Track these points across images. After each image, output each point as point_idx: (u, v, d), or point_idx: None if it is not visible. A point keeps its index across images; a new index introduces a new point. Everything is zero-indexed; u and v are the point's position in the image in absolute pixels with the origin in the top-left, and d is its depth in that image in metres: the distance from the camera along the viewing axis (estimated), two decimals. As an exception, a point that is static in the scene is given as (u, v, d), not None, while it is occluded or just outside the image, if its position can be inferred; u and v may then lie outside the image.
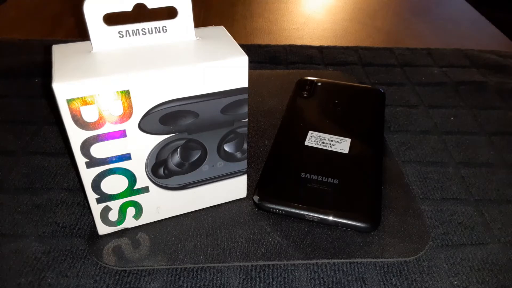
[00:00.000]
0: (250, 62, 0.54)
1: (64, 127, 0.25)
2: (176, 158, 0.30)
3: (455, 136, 0.42)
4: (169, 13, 0.61)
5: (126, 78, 0.25)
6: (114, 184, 0.29)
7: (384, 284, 0.29)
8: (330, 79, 0.48)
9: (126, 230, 0.32)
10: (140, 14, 0.63)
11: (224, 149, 0.31)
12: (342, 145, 0.37)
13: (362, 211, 0.32)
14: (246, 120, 0.30)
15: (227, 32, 0.30)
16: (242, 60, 0.27)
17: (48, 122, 0.42)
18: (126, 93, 0.25)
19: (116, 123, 0.26)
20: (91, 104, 0.25)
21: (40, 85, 0.48)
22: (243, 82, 0.28)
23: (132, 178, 0.29)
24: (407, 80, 0.51)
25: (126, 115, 0.26)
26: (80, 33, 0.60)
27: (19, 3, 0.68)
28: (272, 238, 0.31)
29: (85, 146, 0.26)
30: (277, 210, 0.32)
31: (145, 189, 0.30)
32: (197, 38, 0.29)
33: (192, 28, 0.28)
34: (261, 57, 0.54)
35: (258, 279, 0.29)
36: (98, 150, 0.27)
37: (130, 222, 0.31)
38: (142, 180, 0.30)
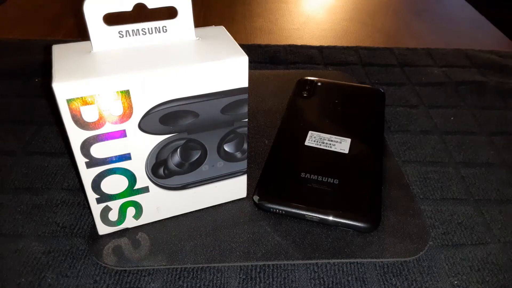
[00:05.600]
0: (250, 62, 0.54)
1: (64, 127, 0.25)
2: (176, 158, 0.30)
3: (455, 136, 0.42)
4: (169, 13, 0.61)
5: (126, 78, 0.25)
6: (114, 184, 0.29)
7: (384, 284, 0.29)
8: (330, 79, 0.48)
9: (126, 230, 0.32)
10: (140, 14, 0.63)
11: (224, 149, 0.31)
12: (342, 145, 0.37)
13: (362, 211, 0.32)
14: (246, 120, 0.30)
15: (227, 32, 0.30)
16: (242, 60, 0.27)
17: (48, 122, 0.42)
18: (126, 93, 0.25)
19: (116, 123, 0.26)
20: (91, 104, 0.25)
21: (40, 85, 0.48)
22: (243, 82, 0.28)
23: (132, 178, 0.29)
24: (407, 80, 0.51)
25: (126, 115, 0.26)
26: (80, 33, 0.60)
27: (19, 3, 0.68)
28: (272, 238, 0.31)
29: (85, 146, 0.26)
30: (277, 210, 0.32)
31: (145, 189, 0.30)
32: (197, 38, 0.29)
33: (192, 28, 0.28)
34: (261, 57, 0.54)
35: (258, 279, 0.29)
36: (98, 150, 0.27)
37: (130, 222, 0.31)
38: (142, 180, 0.30)
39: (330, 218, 0.31)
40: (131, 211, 0.31)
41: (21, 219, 0.32)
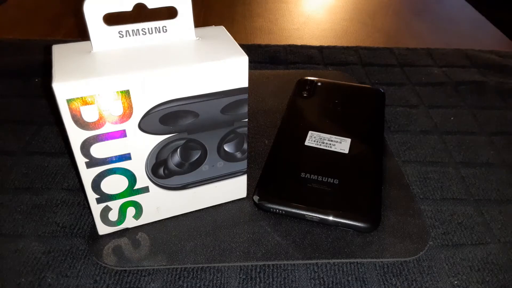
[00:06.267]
0: (250, 62, 0.54)
1: (64, 127, 0.25)
2: (176, 158, 0.30)
3: (455, 136, 0.42)
4: (169, 13, 0.61)
5: (126, 78, 0.25)
6: (114, 184, 0.29)
7: (384, 284, 0.29)
8: (330, 79, 0.48)
9: (126, 230, 0.32)
10: (140, 14, 0.63)
11: (224, 149, 0.31)
12: (342, 145, 0.37)
13: (362, 211, 0.32)
14: (246, 120, 0.30)
15: (227, 32, 0.30)
16: (242, 60, 0.27)
17: (48, 122, 0.42)
18: (126, 93, 0.25)
19: (116, 123, 0.26)
20: (91, 104, 0.25)
21: (40, 85, 0.48)
22: (243, 82, 0.28)
23: (132, 178, 0.29)
24: (407, 80, 0.51)
25: (126, 115, 0.26)
26: (80, 33, 0.60)
27: (19, 3, 0.68)
28: (272, 238, 0.31)
29: (85, 146, 0.26)
30: (277, 210, 0.32)
31: (145, 189, 0.30)
32: (197, 38, 0.29)
33: (192, 28, 0.28)
34: (261, 57, 0.54)
35: (258, 279, 0.29)
36: (98, 150, 0.27)
37: (130, 222, 0.31)
38: (142, 180, 0.30)
39: (330, 218, 0.31)
40: (131, 211, 0.31)
41: (21, 219, 0.32)
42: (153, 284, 0.28)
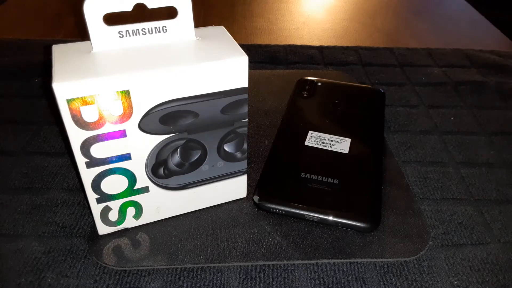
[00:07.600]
0: (250, 62, 0.54)
1: (64, 127, 0.25)
2: (176, 158, 0.30)
3: (455, 136, 0.42)
4: (169, 13, 0.61)
5: (126, 78, 0.25)
6: (114, 184, 0.29)
7: (384, 284, 0.29)
8: (330, 79, 0.48)
9: (126, 230, 0.32)
10: (140, 14, 0.63)
11: (224, 149, 0.31)
12: (342, 145, 0.37)
13: (362, 211, 0.32)
14: (246, 120, 0.30)
15: (227, 32, 0.30)
16: (242, 60, 0.27)
17: (48, 122, 0.42)
18: (126, 93, 0.25)
19: (116, 123, 0.26)
20: (91, 104, 0.25)
21: (40, 85, 0.48)
22: (243, 82, 0.28)
23: (132, 178, 0.29)
24: (407, 80, 0.51)
25: (126, 115, 0.26)
26: (80, 33, 0.60)
27: (19, 3, 0.68)
28: (272, 238, 0.31)
29: (85, 146, 0.26)
30: (277, 210, 0.32)
31: (145, 189, 0.30)
32: (197, 38, 0.29)
33: (192, 28, 0.28)
34: (261, 57, 0.54)
35: (258, 279, 0.29)
36: (98, 150, 0.27)
37: (130, 222, 0.31)
38: (142, 180, 0.30)
39: (330, 218, 0.31)
40: (131, 211, 0.31)
41: (21, 219, 0.32)
42: (153, 284, 0.28)
